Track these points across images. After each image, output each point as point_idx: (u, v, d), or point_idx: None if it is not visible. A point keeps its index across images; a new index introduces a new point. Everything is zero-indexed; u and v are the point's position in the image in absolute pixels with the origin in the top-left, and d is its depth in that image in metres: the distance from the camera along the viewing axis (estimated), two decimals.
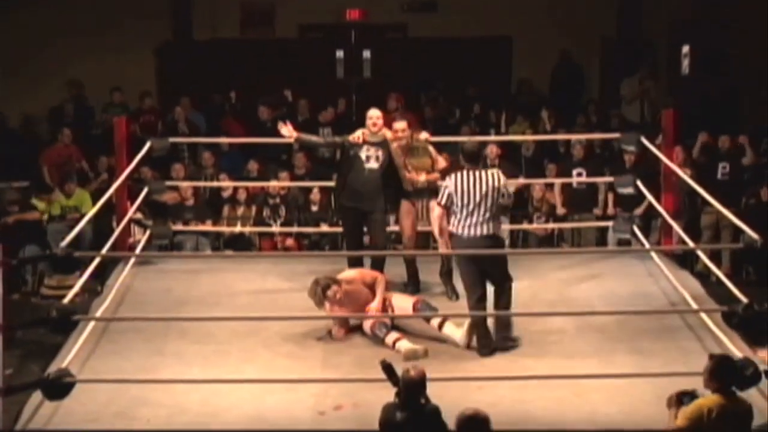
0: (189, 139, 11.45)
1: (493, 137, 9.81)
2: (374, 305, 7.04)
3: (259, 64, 13.65)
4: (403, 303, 7.14)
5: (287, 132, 7.86)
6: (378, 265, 7.65)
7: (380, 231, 7.80)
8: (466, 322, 6.86)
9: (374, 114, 7.79)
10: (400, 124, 7.76)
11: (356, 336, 7.09)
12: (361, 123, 7.96)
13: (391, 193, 7.77)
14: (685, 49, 13.65)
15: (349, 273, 7.31)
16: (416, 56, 13.68)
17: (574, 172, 10.62)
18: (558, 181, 10.56)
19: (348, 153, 7.76)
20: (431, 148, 7.88)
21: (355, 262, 7.70)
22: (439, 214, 6.87)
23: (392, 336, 6.87)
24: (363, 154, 7.70)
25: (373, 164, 7.71)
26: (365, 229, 7.85)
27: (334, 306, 7.01)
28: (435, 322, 6.97)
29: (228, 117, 12.45)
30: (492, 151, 10.47)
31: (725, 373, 5.01)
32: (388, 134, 7.74)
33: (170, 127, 11.86)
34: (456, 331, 6.88)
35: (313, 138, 8.34)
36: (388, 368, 5.17)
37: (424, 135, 7.96)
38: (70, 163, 11.29)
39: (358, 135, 7.76)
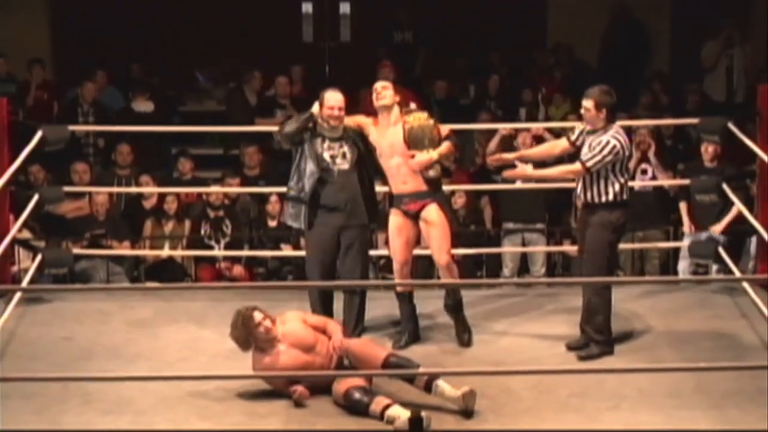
0: (97, 126, 11.43)
1: (524, 124, 9.79)
2: (335, 343, 7.05)
3: (197, 24, 13.64)
4: (368, 354, 7.06)
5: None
6: (354, 303, 7.67)
7: (358, 254, 7.76)
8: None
9: (336, 101, 7.68)
10: (382, 82, 7.79)
11: (324, 399, 7.02)
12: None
13: (370, 201, 7.79)
14: None
15: (285, 315, 7.29)
16: (412, 13, 13.70)
17: (637, 170, 10.61)
18: None
19: (304, 151, 7.69)
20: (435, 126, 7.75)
21: (325, 299, 7.67)
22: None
23: (380, 402, 6.77)
24: (326, 154, 7.69)
25: (342, 164, 7.71)
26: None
27: (271, 350, 6.99)
28: (419, 382, 6.87)
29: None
30: (525, 141, 10.52)
31: None
32: (368, 122, 7.74)
33: (70, 110, 11.83)
34: (450, 389, 6.79)
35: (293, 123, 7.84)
36: (416, 423, 5.07)
37: (412, 106, 7.90)
38: None
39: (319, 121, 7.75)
